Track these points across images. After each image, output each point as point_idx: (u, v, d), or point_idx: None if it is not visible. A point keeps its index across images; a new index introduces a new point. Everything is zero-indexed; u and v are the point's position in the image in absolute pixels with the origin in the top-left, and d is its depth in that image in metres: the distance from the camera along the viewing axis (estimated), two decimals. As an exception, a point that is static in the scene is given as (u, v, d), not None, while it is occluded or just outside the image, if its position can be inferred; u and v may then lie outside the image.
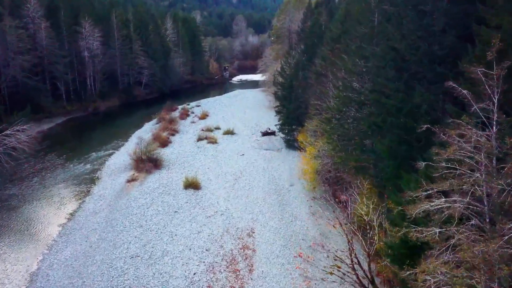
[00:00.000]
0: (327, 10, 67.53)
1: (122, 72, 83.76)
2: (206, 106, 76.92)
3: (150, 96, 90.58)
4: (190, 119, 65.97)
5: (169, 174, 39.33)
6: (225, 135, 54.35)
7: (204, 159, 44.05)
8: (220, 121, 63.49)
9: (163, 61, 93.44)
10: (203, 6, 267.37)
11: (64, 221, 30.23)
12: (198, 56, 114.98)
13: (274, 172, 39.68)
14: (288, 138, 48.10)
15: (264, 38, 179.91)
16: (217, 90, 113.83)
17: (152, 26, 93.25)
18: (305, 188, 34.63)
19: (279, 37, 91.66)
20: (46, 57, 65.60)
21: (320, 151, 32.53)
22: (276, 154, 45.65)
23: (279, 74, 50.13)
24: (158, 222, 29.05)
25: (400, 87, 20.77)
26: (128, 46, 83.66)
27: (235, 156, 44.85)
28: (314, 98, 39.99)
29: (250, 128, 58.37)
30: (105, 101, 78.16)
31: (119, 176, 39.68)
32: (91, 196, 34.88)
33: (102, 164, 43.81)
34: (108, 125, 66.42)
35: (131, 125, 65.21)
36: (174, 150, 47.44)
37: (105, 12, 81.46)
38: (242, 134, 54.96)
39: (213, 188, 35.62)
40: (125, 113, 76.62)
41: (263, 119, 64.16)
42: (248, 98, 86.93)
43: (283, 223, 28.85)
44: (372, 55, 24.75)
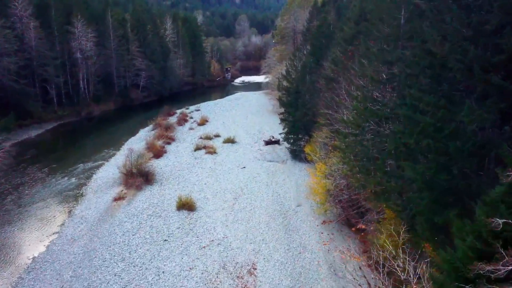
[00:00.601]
0: (335, 9, 63.22)
1: (118, 74, 79.76)
2: (206, 111, 72.79)
3: (148, 100, 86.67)
4: (188, 125, 61.79)
5: (161, 191, 35.11)
6: (225, 143, 50.16)
7: (201, 172, 39.81)
8: (220, 127, 59.30)
9: (162, 62, 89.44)
10: (206, 6, 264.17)
11: (36, 251, 26.05)
12: (199, 57, 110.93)
13: (279, 189, 35.40)
14: (293, 148, 43.82)
15: (267, 38, 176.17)
16: (219, 92, 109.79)
17: (151, 26, 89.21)
18: (314, 210, 30.36)
19: (283, 37, 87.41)
20: (35, 59, 61.63)
21: (332, 169, 28.25)
22: (280, 167, 41.36)
23: (284, 78, 45.87)
24: (144, 254, 24.82)
25: (440, 101, 16.45)
26: (125, 47, 79.69)
27: (235, 169, 40.60)
28: (323, 106, 35.69)
29: (252, 136, 54.12)
30: (100, 105, 74.25)
31: (105, 192, 35.52)
32: (71, 218, 30.68)
33: (88, 178, 39.65)
34: (101, 131, 62.35)
35: (125, 131, 61.17)
36: (168, 162, 43.23)
37: (100, 11, 77.40)
38: (244, 143, 50.72)
39: (210, 209, 31.37)
40: (120, 118, 72.63)
41: (266, 125, 59.95)
42: (250, 101, 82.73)
43: (290, 256, 24.56)
44: (399, 60, 20.44)
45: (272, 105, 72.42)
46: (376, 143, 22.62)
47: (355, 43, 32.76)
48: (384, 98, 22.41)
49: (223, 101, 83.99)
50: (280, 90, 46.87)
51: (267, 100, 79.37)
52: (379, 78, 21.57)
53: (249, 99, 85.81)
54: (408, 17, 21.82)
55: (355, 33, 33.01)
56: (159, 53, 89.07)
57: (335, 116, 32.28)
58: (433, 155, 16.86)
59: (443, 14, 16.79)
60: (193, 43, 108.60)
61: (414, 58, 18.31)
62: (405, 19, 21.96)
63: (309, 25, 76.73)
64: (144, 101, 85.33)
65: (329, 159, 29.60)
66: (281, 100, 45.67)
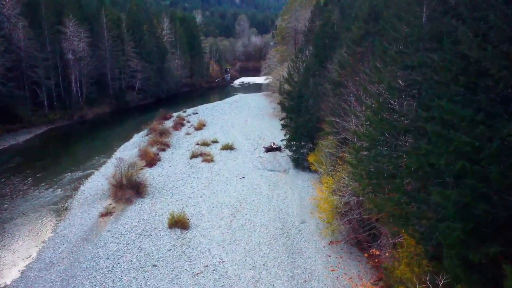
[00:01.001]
0: (339, 8, 60.38)
1: (113, 76, 76.89)
2: (203, 114, 69.95)
3: (144, 102, 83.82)
4: (185, 129, 58.92)
5: (152, 205, 32.23)
6: (223, 150, 47.30)
7: (197, 183, 36.93)
8: (218, 132, 56.45)
9: (158, 63, 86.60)
10: (205, 6, 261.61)
11: (9, 278, 23.19)
12: (197, 58, 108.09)
13: (281, 203, 32.54)
14: (296, 156, 40.96)
15: (267, 38, 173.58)
16: (218, 94, 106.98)
17: (147, 26, 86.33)
18: (320, 228, 27.51)
19: (284, 37, 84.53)
20: (24, 60, 58.74)
21: (340, 184, 25.40)
22: (282, 177, 38.50)
23: (286, 81, 43.01)
24: (129, 283, 21.93)
25: (477, 115, 13.62)
26: (120, 47, 76.78)
27: (234, 180, 37.73)
28: (329, 113, 32.85)
29: (252, 142, 51.25)
30: (93, 108, 71.46)
31: (92, 206, 32.64)
32: (52, 237, 27.80)
33: (75, 190, 36.77)
34: (93, 136, 59.49)
35: (119, 136, 58.35)
36: (162, 171, 40.35)
37: (94, 10, 74.50)
38: (243, 150, 47.84)
39: (205, 227, 28.49)
40: (115, 121, 69.87)
41: (267, 130, 57.10)
42: (250, 104, 79.87)
43: (294, 285, 21.69)
44: (422, 64, 17.58)
45: (273, 108, 69.64)
46: (393, 159, 19.75)
47: (364, 44, 29.96)
48: (402, 108, 19.56)
49: (222, 104, 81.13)
50: (282, 94, 44.02)
51: (267, 102, 76.52)
52: (397, 85, 18.69)
53: (248, 101, 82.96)
54: (431, 14, 18.98)
55: (364, 33, 30.18)
56: (155, 53, 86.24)
57: (342, 124, 29.47)
58: (469, 180, 14.02)
59: (482, 10, 13.93)
60: (191, 44, 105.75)
61: (443, 63, 15.44)
62: (427, 17, 19.12)
63: (311, 25, 73.98)
64: (140, 103, 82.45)
65: (336, 173, 26.74)
66: (282, 105, 42.84)
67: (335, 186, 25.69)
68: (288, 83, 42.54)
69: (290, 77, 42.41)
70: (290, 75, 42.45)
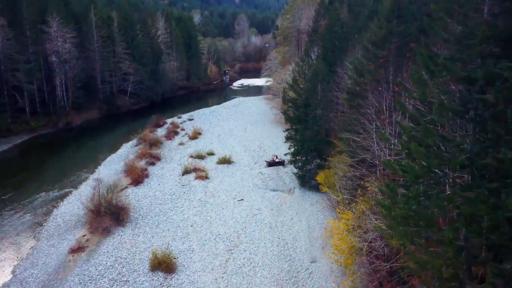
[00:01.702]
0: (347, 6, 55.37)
1: (103, 79, 71.77)
2: (200, 120, 64.87)
3: (137, 106, 78.61)
4: (178, 138, 53.79)
5: (134, 237, 27.17)
6: (219, 164, 42.25)
7: (188, 207, 31.86)
8: (214, 142, 51.37)
9: (152, 65, 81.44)
10: (205, 6, 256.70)
11: None
12: (194, 59, 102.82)
13: (286, 234, 27.49)
14: (302, 174, 35.90)
15: (267, 39, 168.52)
16: (216, 97, 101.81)
17: (140, 26, 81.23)
18: (334, 272, 22.49)
19: (286, 38, 79.43)
20: (3, 63, 53.70)
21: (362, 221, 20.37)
22: (287, 199, 33.44)
23: (290, 88, 37.93)
24: None
25: None
26: (110, 48, 71.62)
27: (231, 203, 32.67)
28: (343, 127, 27.85)
29: (252, 154, 46.17)
30: (81, 114, 66.34)
31: (63, 238, 27.64)
32: (8, 284, 22.77)
33: (47, 214, 31.73)
34: (78, 146, 54.43)
35: (107, 145, 53.30)
36: (149, 191, 35.27)
37: (82, 9, 69.35)
38: (242, 163, 42.78)
39: (195, 269, 23.43)
40: (104, 128, 64.73)
41: (268, 140, 52.04)
42: (250, 109, 74.76)
43: None
44: (489, 76, 12.55)
45: (274, 114, 64.57)
46: (442, 201, 14.70)
47: (387, 46, 24.92)
48: (455, 134, 14.50)
49: (220, 109, 75.97)
50: (286, 102, 38.91)
51: (268, 108, 71.37)
52: (452, 104, 13.63)
53: (248, 106, 77.84)
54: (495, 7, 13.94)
55: (387, 34, 25.15)
56: (149, 55, 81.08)
57: (361, 143, 24.43)
58: None
59: None
60: (188, 44, 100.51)
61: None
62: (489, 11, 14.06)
63: (315, 24, 68.95)
64: (132, 108, 77.25)
65: (356, 205, 21.70)
66: (286, 115, 37.76)
67: (356, 223, 20.64)
68: (293, 90, 37.48)
69: (295, 83, 37.34)
70: (295, 80, 37.39)
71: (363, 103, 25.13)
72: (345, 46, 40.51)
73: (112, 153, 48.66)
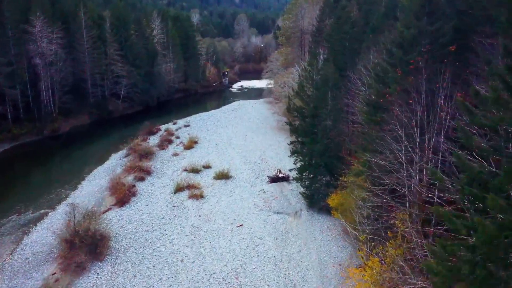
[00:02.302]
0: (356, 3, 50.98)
1: (94, 82, 67.35)
2: (196, 127, 60.53)
3: (131, 111, 74.27)
4: (172, 148, 49.39)
5: (112, 277, 22.79)
6: (216, 180, 37.88)
7: (179, 236, 27.46)
8: (211, 152, 46.99)
9: (147, 67, 77.06)
10: (204, 5, 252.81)
11: None
12: (192, 61, 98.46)
13: (294, 272, 23.10)
14: (310, 193, 31.50)
15: (268, 39, 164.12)
16: (214, 100, 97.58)
17: (134, 26, 76.84)
18: (357, 329, 18.11)
19: (288, 38, 75.01)
20: (-19, 66, 49.37)
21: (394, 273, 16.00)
22: (293, 224, 29.05)
23: (296, 95, 33.53)
24: None
25: None
26: (101, 49, 67.24)
27: (228, 229, 28.27)
28: (362, 147, 23.52)
29: (253, 166, 41.78)
30: (70, 119, 62.11)
31: (29, 277, 23.30)
32: None
33: (16, 244, 27.38)
34: (63, 156, 50.12)
35: (95, 155, 49.00)
36: (135, 214, 30.89)
37: (70, 7, 64.90)
38: (241, 178, 38.39)
39: (184, 323, 19.07)
40: (94, 135, 60.43)
41: (270, 150, 47.66)
42: (250, 113, 70.35)
43: None
44: None
45: (276, 120, 60.23)
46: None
47: (417, 50, 20.55)
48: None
49: (218, 113, 71.54)
50: (291, 111, 34.48)
51: (269, 113, 67.04)
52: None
53: (248, 110, 73.42)
54: None
55: (417, 34, 20.77)
56: (144, 56, 76.67)
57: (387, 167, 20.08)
58: None
59: None
60: (185, 45, 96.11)
61: None
62: None
63: (320, 24, 64.69)
64: (125, 112, 72.87)
65: (386, 251, 17.30)
66: (291, 126, 33.33)
67: (387, 276, 16.25)
68: (299, 98, 33.09)
69: (301, 89, 32.95)
70: (302, 87, 32.99)
71: (388, 117, 20.74)
72: (357, 48, 36.20)
73: (99, 165, 44.32)
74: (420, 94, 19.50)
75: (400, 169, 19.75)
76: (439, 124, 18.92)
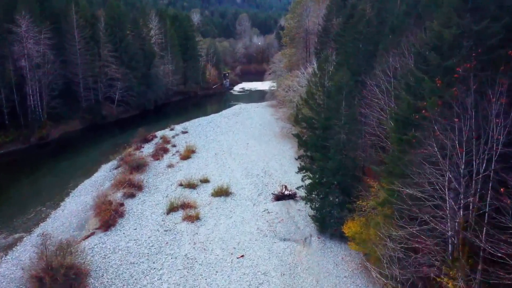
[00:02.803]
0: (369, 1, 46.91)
1: (86, 85, 63.51)
2: (195, 133, 56.67)
3: (126, 115, 70.42)
4: (167, 158, 45.49)
5: (87, 327, 18.91)
6: (215, 197, 33.99)
7: (170, 270, 23.52)
8: (210, 164, 43.10)
9: (143, 69, 73.17)
10: (205, 5, 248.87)
11: None
12: (191, 62, 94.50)
13: (305, 320, 19.17)
14: (321, 216, 27.55)
15: (270, 39, 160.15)
16: (215, 103, 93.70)
17: (130, 26, 72.98)
18: None
19: (293, 39, 71.02)
20: (-40, 69, 45.61)
21: None
22: (302, 254, 25.10)
23: (305, 103, 29.58)
24: None
25: None
26: (94, 51, 63.41)
27: (227, 261, 24.34)
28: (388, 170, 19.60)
29: (255, 181, 37.85)
30: (60, 125, 58.44)
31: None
32: None
33: (-21, 278, 23.50)
34: (50, 167, 46.22)
35: (83, 166, 45.17)
36: (121, 240, 26.96)
37: (61, 6, 61.05)
38: (242, 195, 34.47)
39: None
40: (86, 142, 56.67)
41: (274, 160, 43.74)
42: (252, 118, 66.39)
43: None
44: None
45: (280, 126, 56.33)
46: None
47: (462, 54, 16.61)
48: None
49: (218, 118, 67.57)
50: (299, 122, 30.51)
51: (273, 118, 63.11)
52: None
53: (250, 115, 69.47)
54: None
55: (460, 35, 16.83)
56: (140, 58, 72.77)
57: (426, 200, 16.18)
58: None
59: None
60: (184, 46, 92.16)
61: None
62: None
63: (327, 23, 60.86)
64: (120, 117, 68.97)
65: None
66: (299, 138, 29.39)
67: None
68: (308, 107, 29.15)
69: (311, 97, 29.00)
70: (311, 94, 29.04)
71: (423, 137, 16.79)
72: (373, 50, 32.24)
73: (87, 177, 40.52)
74: (466, 109, 15.55)
75: (441, 203, 15.83)
76: (492, 148, 15.04)
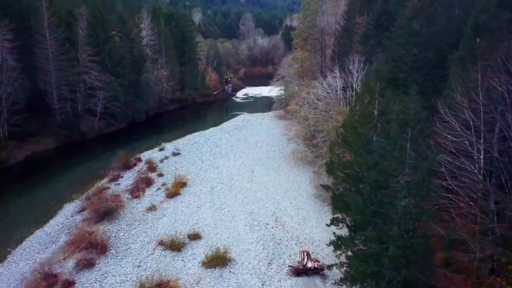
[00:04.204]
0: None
1: (60, 96, 53.47)
2: (189, 155, 46.70)
3: (111, 129, 60.30)
4: (150, 194, 35.36)
5: None
6: (207, 268, 23.80)
7: None
8: (205, 203, 33.00)
9: (131, 75, 63.15)
10: (208, 5, 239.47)
11: None
12: (189, 66, 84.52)
13: None
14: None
15: (275, 40, 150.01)
16: (215, 113, 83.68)
17: (116, 26, 62.98)
18: None
19: (305, 40, 60.69)
20: None
21: None
22: None
23: (343, 144, 19.36)
24: None
25: None
26: (71, 55, 53.47)
27: None
28: None
29: (263, 234, 27.64)
30: (27, 145, 48.62)
31: None
32: None
33: None
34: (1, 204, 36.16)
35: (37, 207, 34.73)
36: None
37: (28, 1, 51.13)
38: (246, 265, 24.26)
39: None
40: (57, 165, 46.65)
41: (287, 199, 33.60)
42: (258, 135, 56.26)
43: None
44: None
45: (292, 148, 45.99)
46: None
47: None
48: None
49: (218, 134, 57.41)
50: (333, 172, 20.12)
51: (282, 136, 52.84)
52: None
53: (256, 129, 59.33)
54: None
55: None
56: (128, 62, 62.75)
57: None
58: None
59: None
60: (181, 48, 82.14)
61: None
62: None
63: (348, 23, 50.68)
64: (104, 132, 58.90)
65: None
66: (334, 197, 19.11)
67: None
68: (347, 149, 18.87)
69: (352, 133, 18.72)
70: (354, 128, 18.75)
71: None
72: (438, 60, 21.96)
73: (40, 226, 30.43)
74: None
75: None
76: None
